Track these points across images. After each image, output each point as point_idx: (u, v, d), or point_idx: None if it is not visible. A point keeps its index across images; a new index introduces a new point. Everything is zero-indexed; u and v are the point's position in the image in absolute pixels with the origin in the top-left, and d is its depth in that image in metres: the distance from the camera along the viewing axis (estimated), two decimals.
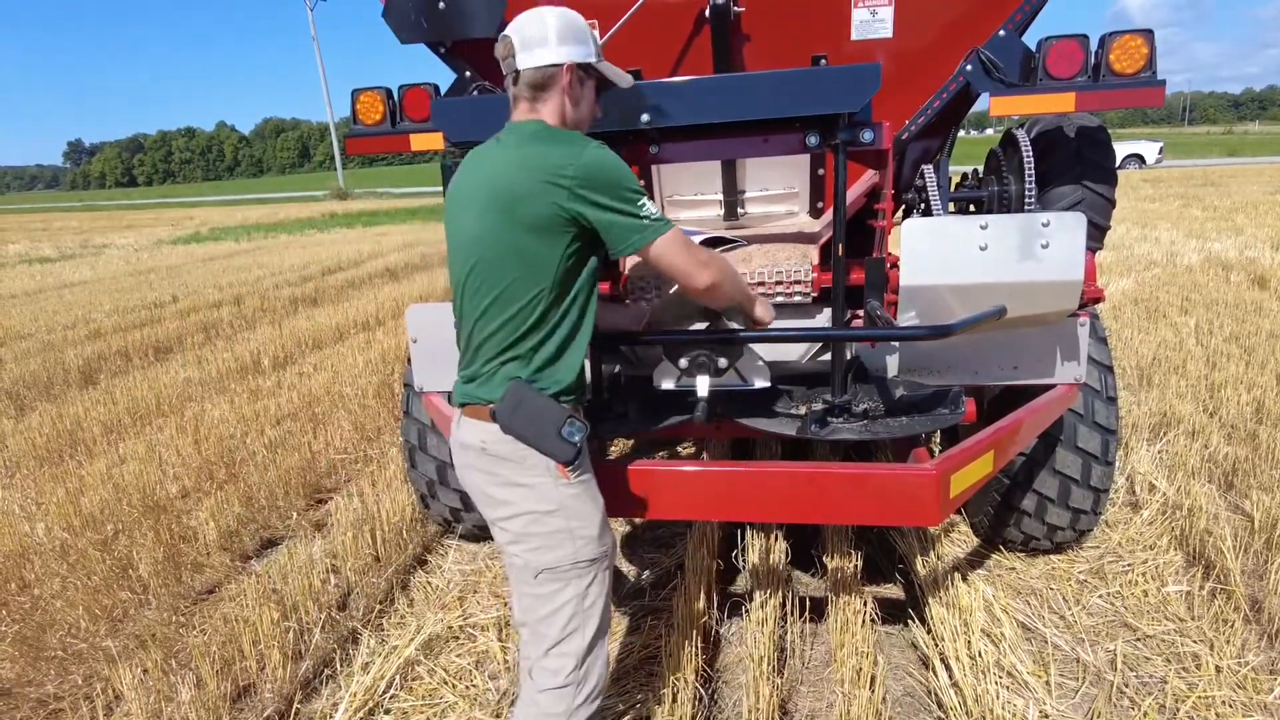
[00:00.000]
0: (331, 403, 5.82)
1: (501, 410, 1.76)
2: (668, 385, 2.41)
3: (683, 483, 2.19)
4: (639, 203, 1.75)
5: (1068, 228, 2.23)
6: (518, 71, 1.82)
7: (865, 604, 2.75)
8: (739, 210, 3.42)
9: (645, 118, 2.23)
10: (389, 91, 3.25)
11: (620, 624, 3.10)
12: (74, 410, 5.88)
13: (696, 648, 2.62)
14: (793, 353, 2.64)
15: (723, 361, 2.14)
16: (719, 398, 2.36)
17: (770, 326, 2.24)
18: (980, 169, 3.39)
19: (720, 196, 3.41)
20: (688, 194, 3.45)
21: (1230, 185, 21.80)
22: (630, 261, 2.82)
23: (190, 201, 61.70)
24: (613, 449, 4.68)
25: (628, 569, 3.54)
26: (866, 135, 2.24)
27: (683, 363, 2.19)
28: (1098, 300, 2.57)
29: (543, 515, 1.80)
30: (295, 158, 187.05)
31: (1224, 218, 14.37)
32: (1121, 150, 32.29)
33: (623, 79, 1.99)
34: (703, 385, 2.18)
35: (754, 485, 2.14)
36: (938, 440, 4.18)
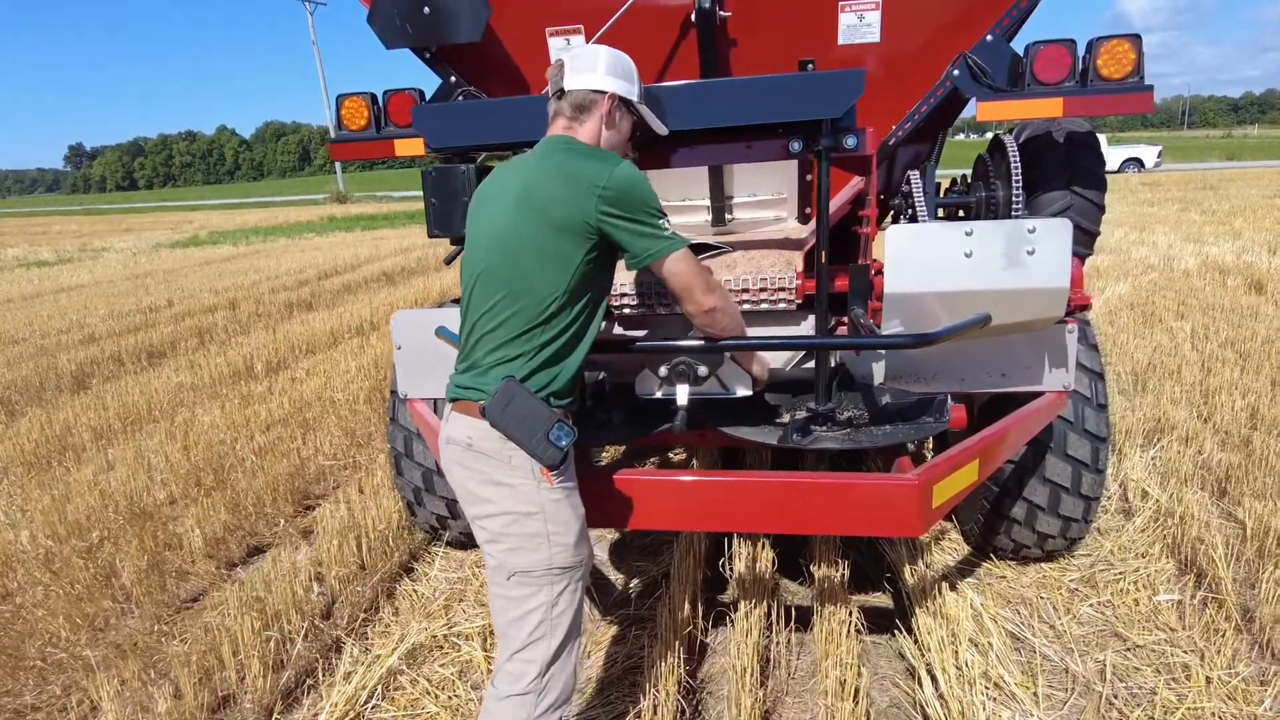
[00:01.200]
0: (322, 408, 5.79)
1: (492, 406, 1.78)
2: (649, 393, 2.38)
3: (664, 493, 2.17)
4: (659, 221, 1.87)
5: (1054, 234, 2.21)
6: (563, 90, 1.94)
7: (851, 614, 2.72)
8: (726, 216, 3.40)
9: None
10: (374, 97, 3.23)
11: (605, 633, 3.07)
12: (64, 416, 5.85)
13: (679, 658, 2.59)
14: (777, 360, 2.62)
15: (703, 370, 2.12)
16: (701, 406, 2.34)
17: (751, 334, 2.21)
18: (969, 174, 3.36)
19: (708, 202, 3.39)
20: (675, 199, 3.44)
21: (1229, 189, 21.79)
22: (617, 270, 2.79)
23: (190, 205, 61.72)
24: (604, 456, 4.65)
25: (614, 577, 3.51)
26: (850, 141, 2.22)
27: (663, 371, 2.16)
28: (1085, 307, 2.55)
29: (522, 517, 1.80)
30: (295, 161, 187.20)
31: (1222, 221, 14.35)
32: (1120, 154, 32.25)
33: (659, 126, 2.12)
34: (682, 393, 2.15)
35: (736, 495, 2.11)
36: (929, 447, 4.16)
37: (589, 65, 1.91)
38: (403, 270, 14.06)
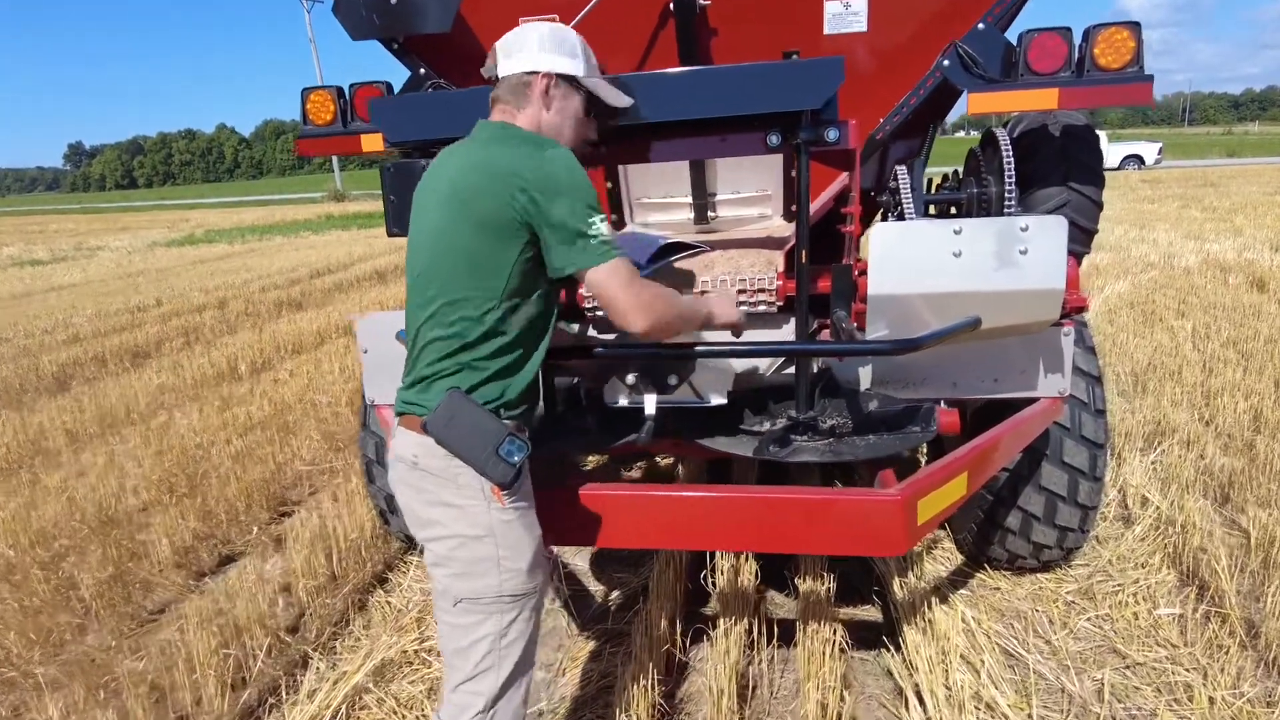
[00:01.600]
0: (303, 411, 5.66)
1: (434, 421, 1.63)
2: (617, 401, 2.25)
3: (631, 508, 2.03)
4: (590, 220, 1.62)
5: (1048, 232, 2.08)
6: (498, 77, 1.79)
7: (835, 633, 2.59)
8: (709, 214, 3.27)
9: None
10: (340, 90, 3.10)
11: (581, 649, 2.94)
12: (39, 419, 5.73)
13: (653, 680, 2.46)
14: (757, 365, 2.49)
15: (673, 378, 1.98)
16: (673, 415, 2.21)
17: (729, 338, 2.07)
18: (961, 170, 3.23)
19: (690, 199, 3.26)
20: (656, 196, 3.30)
21: (1229, 186, 21.64)
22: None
23: (188, 204, 61.56)
24: (590, 464, 4.52)
25: (594, 588, 3.38)
26: (831, 134, 2.08)
27: (630, 378, 2.03)
28: (1081, 309, 2.41)
29: (470, 540, 1.66)
30: (295, 159, 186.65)
31: (1223, 219, 14.21)
32: (1120, 151, 32.10)
33: (616, 98, 1.89)
34: (650, 403, 2.02)
35: (707, 512, 1.98)
36: (924, 452, 4.03)
37: (520, 46, 1.75)
38: (395, 268, 13.92)
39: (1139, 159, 32.12)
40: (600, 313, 2.56)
